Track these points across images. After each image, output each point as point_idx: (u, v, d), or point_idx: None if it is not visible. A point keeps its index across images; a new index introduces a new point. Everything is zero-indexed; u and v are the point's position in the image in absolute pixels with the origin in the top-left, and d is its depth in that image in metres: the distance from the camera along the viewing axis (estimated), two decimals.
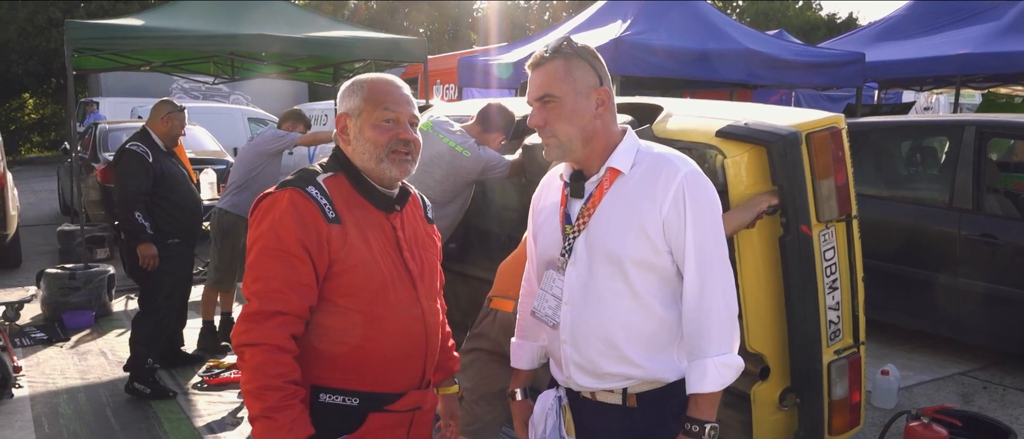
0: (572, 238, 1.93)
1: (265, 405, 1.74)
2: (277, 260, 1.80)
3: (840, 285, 3.00)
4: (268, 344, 1.76)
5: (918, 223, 5.54)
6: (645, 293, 1.87)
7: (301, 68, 9.73)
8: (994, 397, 4.86)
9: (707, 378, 1.83)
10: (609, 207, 1.89)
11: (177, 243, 4.87)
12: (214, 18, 7.75)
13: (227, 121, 13.44)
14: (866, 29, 11.85)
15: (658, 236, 1.85)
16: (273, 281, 1.79)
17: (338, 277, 1.86)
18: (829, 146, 2.95)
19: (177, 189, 4.88)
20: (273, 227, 1.82)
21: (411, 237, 2.04)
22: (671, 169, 1.86)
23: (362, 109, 1.93)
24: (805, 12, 38.10)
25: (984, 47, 8.93)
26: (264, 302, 1.78)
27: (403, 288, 1.95)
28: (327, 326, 1.87)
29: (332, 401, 1.89)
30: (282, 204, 1.83)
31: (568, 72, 1.87)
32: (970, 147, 5.32)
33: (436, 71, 12.34)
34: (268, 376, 1.75)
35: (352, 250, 1.86)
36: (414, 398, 2.01)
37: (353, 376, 1.90)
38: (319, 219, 1.83)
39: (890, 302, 5.55)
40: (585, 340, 1.92)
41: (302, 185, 1.86)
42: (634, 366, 1.90)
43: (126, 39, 7.34)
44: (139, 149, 4.76)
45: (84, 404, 4.67)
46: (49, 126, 29.34)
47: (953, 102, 10.68)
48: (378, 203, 1.96)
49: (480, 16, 36.48)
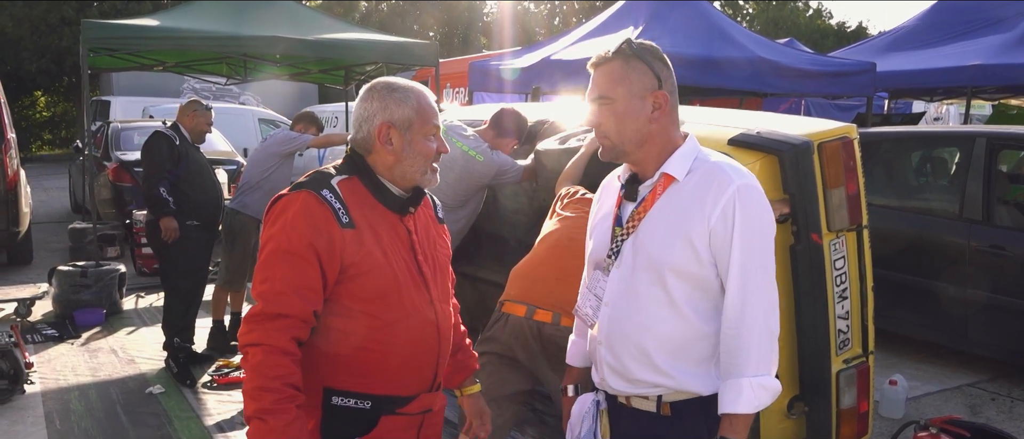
0: (620, 241, 1.93)
1: (259, 406, 1.74)
2: (285, 263, 1.80)
3: (850, 294, 3.01)
4: (268, 345, 1.76)
5: (928, 233, 5.54)
6: (684, 303, 1.85)
7: (312, 70, 9.78)
8: (1002, 409, 4.85)
9: (742, 398, 1.79)
10: (659, 213, 1.88)
11: (196, 226, 5.15)
12: (227, 19, 7.81)
13: (238, 122, 13.49)
14: (877, 38, 11.84)
15: (703, 247, 1.82)
16: (279, 283, 1.79)
17: (352, 281, 1.86)
18: (841, 156, 2.96)
19: (201, 175, 5.26)
20: (285, 229, 1.82)
21: (424, 239, 2.04)
22: (724, 179, 1.82)
23: (413, 122, 1.93)
24: (815, 21, 38.05)
25: (995, 59, 8.90)
26: (268, 304, 1.79)
27: (417, 291, 1.96)
28: (341, 329, 1.88)
29: (344, 404, 1.90)
30: (296, 206, 1.83)
31: (624, 74, 1.86)
32: (980, 158, 5.31)
33: (447, 75, 12.37)
34: (265, 377, 1.75)
35: (367, 254, 1.86)
36: (425, 401, 2.02)
37: (366, 379, 1.90)
38: (332, 223, 1.83)
39: (899, 312, 5.54)
40: (619, 344, 1.92)
41: (317, 188, 1.86)
42: (664, 375, 1.88)
43: (141, 39, 7.41)
44: (167, 132, 5.15)
45: (95, 401, 4.71)
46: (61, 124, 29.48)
47: (964, 113, 10.65)
48: (392, 206, 1.96)
49: (491, 20, 36.54)
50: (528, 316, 2.96)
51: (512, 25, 33.35)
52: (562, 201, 3.29)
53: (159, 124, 5.60)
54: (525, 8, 37.35)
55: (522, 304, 2.99)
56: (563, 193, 3.34)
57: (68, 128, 28.62)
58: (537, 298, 2.98)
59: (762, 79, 8.49)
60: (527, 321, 2.96)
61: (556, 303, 2.95)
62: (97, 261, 7.02)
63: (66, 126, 29.07)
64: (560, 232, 3.11)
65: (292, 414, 1.75)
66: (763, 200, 1.85)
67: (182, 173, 5.10)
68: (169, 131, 5.16)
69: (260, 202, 5.64)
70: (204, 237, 5.26)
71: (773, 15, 36.47)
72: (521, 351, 3.00)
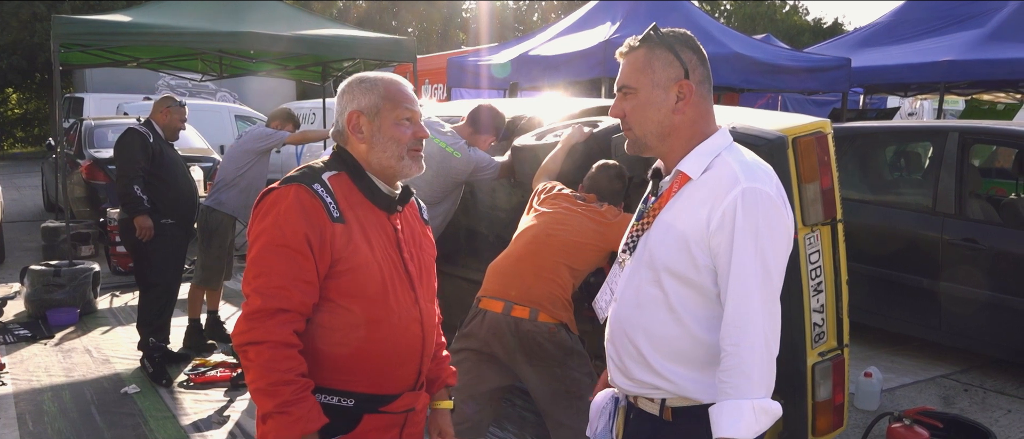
0: (636, 236, 1.88)
1: (279, 400, 1.73)
2: (281, 256, 1.78)
3: (825, 288, 3.04)
4: (273, 341, 1.75)
5: (902, 227, 5.60)
6: (681, 309, 1.77)
7: (289, 66, 9.71)
8: (975, 400, 4.92)
9: (743, 422, 1.65)
10: (669, 211, 1.81)
11: (171, 224, 5.10)
12: (202, 15, 7.73)
13: (214, 118, 13.36)
14: (852, 34, 11.95)
15: (701, 253, 1.72)
16: (276, 277, 1.77)
17: (340, 277, 1.84)
18: (815, 151, 2.99)
19: (175, 172, 5.19)
20: (277, 222, 1.80)
21: (410, 238, 2.03)
22: (730, 181, 1.71)
23: (380, 107, 1.93)
24: (792, 17, 38.35)
25: (968, 54, 9.03)
26: (267, 299, 1.77)
27: (403, 290, 1.94)
28: (327, 326, 1.86)
29: (328, 401, 1.88)
30: (288, 199, 1.81)
31: (648, 63, 1.80)
32: (953, 153, 5.38)
33: (425, 71, 12.33)
34: (279, 372, 1.74)
35: (355, 250, 1.85)
36: (408, 400, 2.00)
37: (350, 377, 1.89)
38: (324, 217, 1.81)
39: (873, 305, 5.60)
40: (620, 341, 1.90)
41: (308, 181, 1.85)
42: (662, 379, 1.81)
43: (114, 35, 7.30)
44: (140, 129, 5.08)
45: (69, 402, 4.65)
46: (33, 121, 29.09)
47: (937, 108, 10.79)
48: (380, 203, 1.96)
49: (469, 16, 36.48)
50: (505, 312, 2.96)
51: (490, 21, 33.30)
52: (539, 196, 3.29)
53: (133, 121, 5.53)
54: (503, 4, 37.32)
55: (499, 300, 2.99)
56: (540, 189, 3.34)
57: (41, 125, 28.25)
58: (514, 294, 2.98)
59: (739, 75, 8.54)
60: (504, 317, 2.96)
61: (533, 299, 2.95)
62: (71, 260, 6.93)
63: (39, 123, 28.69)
64: (537, 228, 3.11)
65: (311, 401, 1.77)
66: (772, 207, 1.71)
67: (156, 171, 5.03)
68: (142, 128, 5.08)
69: (236, 199, 5.60)
70: (179, 235, 5.19)
71: (750, 11, 36.73)
72: (499, 347, 3.00)
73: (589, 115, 3.92)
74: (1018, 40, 9.01)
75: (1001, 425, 4.50)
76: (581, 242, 3.03)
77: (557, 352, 2.94)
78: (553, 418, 3.03)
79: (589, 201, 3.18)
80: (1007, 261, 5.05)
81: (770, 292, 1.71)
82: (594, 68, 7.87)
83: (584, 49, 8.07)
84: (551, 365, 2.95)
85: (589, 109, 4.05)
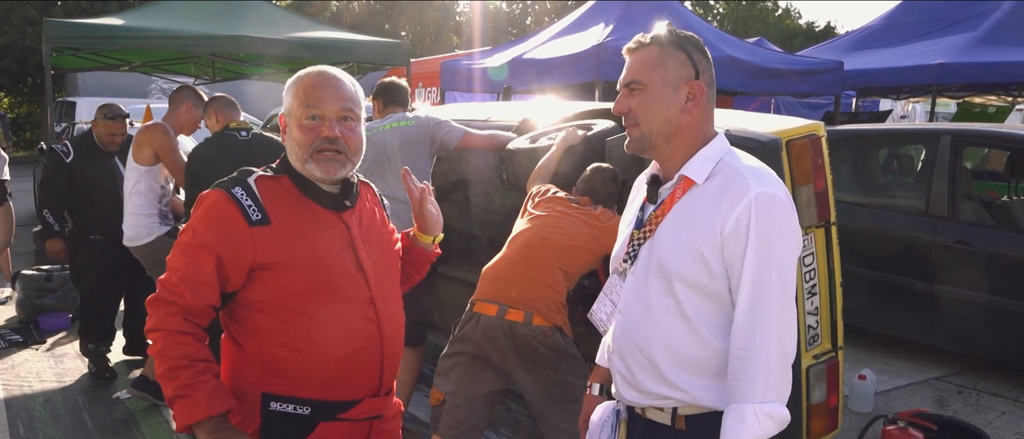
0: (637, 245, 1.83)
1: (177, 384, 1.76)
2: (184, 256, 1.83)
3: (819, 290, 3.04)
4: (166, 329, 1.79)
5: (895, 230, 5.61)
6: (696, 317, 1.74)
7: (282, 70, 9.69)
8: (968, 402, 4.93)
9: (745, 427, 1.65)
10: (675, 218, 1.77)
11: (99, 240, 5.08)
12: (195, 19, 7.71)
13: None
14: (845, 38, 12.00)
15: (715, 259, 1.70)
16: (174, 274, 1.83)
17: (273, 278, 1.83)
18: (809, 153, 2.99)
19: (99, 189, 5.09)
20: (192, 224, 1.85)
21: (367, 235, 1.98)
22: (742, 186, 1.69)
23: (292, 108, 1.90)
24: (784, 20, 38.48)
25: (960, 58, 9.07)
26: (162, 291, 1.82)
27: (355, 289, 1.90)
28: (271, 330, 1.85)
29: (283, 409, 1.86)
30: (205, 203, 1.85)
31: (660, 60, 1.77)
32: (946, 155, 5.40)
33: (418, 74, 12.33)
34: (172, 358, 1.77)
35: (285, 251, 1.83)
36: (371, 405, 1.94)
37: (303, 383, 1.86)
38: (240, 221, 1.82)
39: (867, 308, 5.61)
40: (630, 353, 1.85)
41: (229, 186, 1.86)
42: (676, 389, 1.78)
43: (106, 39, 7.29)
44: (60, 149, 5.11)
45: (61, 407, 4.62)
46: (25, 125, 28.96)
47: (929, 111, 10.83)
48: (325, 203, 1.92)
49: (463, 20, 36.49)
50: (500, 316, 2.95)
51: (484, 25, 33.32)
52: (533, 199, 3.29)
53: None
54: (497, 8, 37.35)
55: (494, 304, 2.98)
56: (534, 191, 3.34)
57: (33, 129, 28.11)
58: (509, 298, 2.97)
59: (732, 78, 8.56)
60: (499, 321, 2.95)
61: (528, 303, 2.94)
62: (62, 265, 6.88)
63: (30, 127, 28.56)
64: (531, 231, 3.11)
65: (213, 383, 1.78)
66: (785, 211, 1.72)
67: (77, 189, 5.04)
68: (62, 147, 5.09)
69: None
70: (111, 248, 4.99)
71: (743, 15, 36.83)
72: (493, 351, 2.99)
73: (583, 118, 3.91)
74: (1010, 43, 9.06)
75: (995, 427, 4.50)
76: (575, 245, 3.02)
77: (552, 355, 2.93)
78: (548, 421, 3.03)
79: (583, 204, 3.17)
80: (999, 263, 5.06)
81: (786, 296, 1.71)
82: (588, 71, 7.87)
83: (578, 52, 8.08)
84: (546, 369, 2.94)
85: (583, 112, 4.04)
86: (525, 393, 3.06)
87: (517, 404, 4.38)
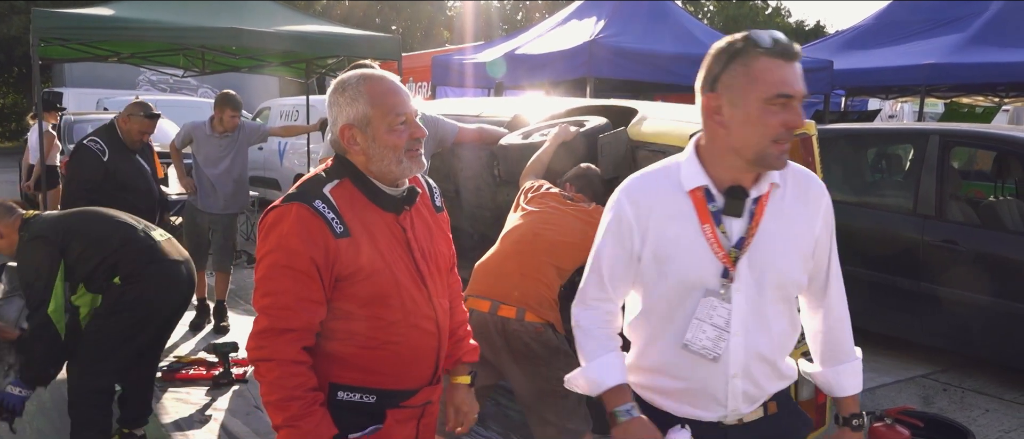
0: (735, 260, 1.75)
1: (288, 414, 1.82)
2: (286, 277, 1.82)
3: None
4: (280, 359, 1.83)
5: (883, 228, 5.65)
6: (795, 311, 1.90)
7: (273, 63, 9.64)
8: (954, 399, 4.98)
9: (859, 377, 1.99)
10: (770, 226, 1.77)
11: None
12: (185, 10, 7.64)
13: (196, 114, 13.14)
14: (834, 37, 12.05)
15: (811, 255, 1.86)
16: (283, 297, 1.83)
17: (353, 287, 1.87)
18: (800, 152, 3.01)
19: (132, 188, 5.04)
20: (281, 243, 1.83)
21: (421, 235, 2.03)
22: (818, 186, 1.87)
23: (371, 117, 1.89)
24: (774, 19, 38.61)
25: (949, 58, 9.13)
26: (274, 319, 1.83)
27: (416, 290, 1.96)
28: (345, 330, 1.91)
29: (350, 398, 1.94)
30: (289, 219, 1.83)
31: None
32: (934, 155, 5.44)
33: (409, 69, 12.30)
34: (287, 388, 1.82)
35: (365, 261, 1.87)
36: (426, 394, 2.06)
37: (371, 376, 1.95)
38: (327, 235, 1.83)
39: (855, 305, 5.63)
40: (757, 368, 1.82)
41: (309, 199, 1.85)
42: (786, 378, 1.93)
43: (95, 29, 7.21)
44: (94, 147, 4.95)
45: (47, 400, 4.59)
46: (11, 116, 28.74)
47: (917, 110, 10.90)
48: (386, 206, 1.95)
49: (454, 15, 36.41)
50: (492, 312, 2.96)
51: (475, 20, 33.27)
52: (526, 195, 3.29)
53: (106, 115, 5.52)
54: (488, 4, 37.29)
55: (486, 300, 2.99)
56: (527, 187, 3.34)
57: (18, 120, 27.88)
58: (501, 294, 2.98)
59: None
60: (491, 317, 2.95)
61: (520, 298, 2.95)
62: None
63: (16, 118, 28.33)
64: (524, 227, 3.11)
65: (320, 414, 1.85)
66: None
67: (109, 189, 4.88)
68: (97, 144, 4.96)
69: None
70: None
71: (733, 13, 36.93)
72: (485, 346, 2.99)
73: (576, 114, 3.92)
74: (997, 44, 9.12)
75: (979, 424, 4.55)
76: (568, 241, 3.03)
77: (543, 352, 2.94)
78: (538, 416, 3.03)
79: (577, 200, 3.18)
80: (986, 263, 5.11)
81: None
82: (579, 67, 7.88)
83: (569, 48, 8.09)
84: (537, 365, 2.95)
85: (576, 108, 4.05)
86: (515, 388, 3.07)
87: (507, 399, 4.38)
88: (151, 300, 3.60)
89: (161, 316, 3.74)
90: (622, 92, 9.62)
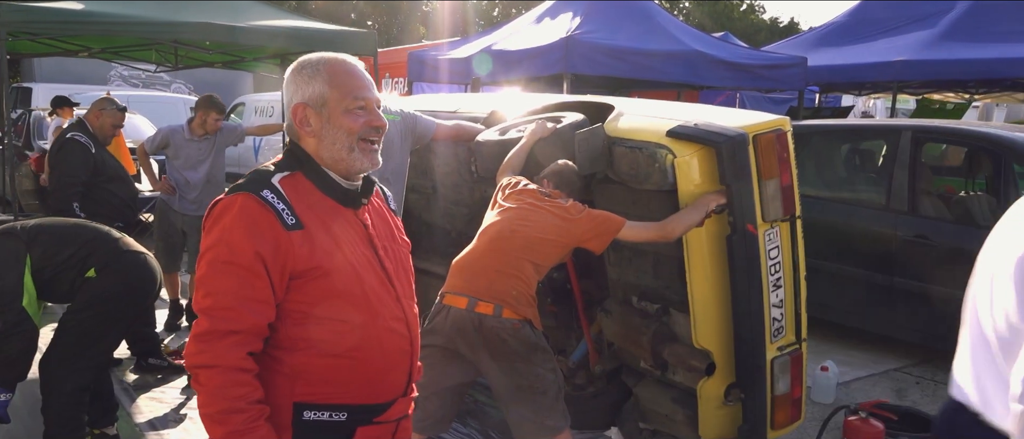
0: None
1: (229, 429, 1.63)
2: (229, 275, 1.65)
3: (784, 283, 3.08)
4: (223, 366, 1.63)
5: (857, 224, 5.71)
6: None
7: (246, 58, 9.55)
8: (926, 392, 5.04)
9: None
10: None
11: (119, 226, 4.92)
12: (158, 4, 7.55)
13: (169, 110, 13.06)
14: (808, 34, 12.16)
15: None
16: (225, 297, 1.64)
17: (309, 285, 1.71)
18: (775, 148, 3.03)
19: (116, 178, 5.10)
20: (223, 237, 1.66)
21: (382, 233, 1.90)
22: None
23: (327, 97, 1.77)
24: (748, 15, 38.90)
25: (920, 54, 9.25)
26: (216, 321, 1.64)
27: (382, 289, 1.81)
28: (307, 339, 1.73)
29: (317, 418, 1.75)
30: (233, 211, 1.67)
31: None
32: (906, 151, 5.50)
33: (385, 65, 12.22)
34: (229, 399, 1.63)
35: (321, 255, 1.71)
36: (400, 407, 1.89)
37: (339, 389, 1.76)
38: (276, 227, 1.67)
39: (829, 300, 5.70)
40: None
41: (256, 189, 1.69)
42: None
43: (65, 24, 7.09)
44: (82, 139, 4.91)
45: (17, 401, 4.50)
46: None
47: (890, 107, 11.03)
48: (343, 199, 1.81)
49: (430, 10, 36.27)
50: (469, 308, 2.95)
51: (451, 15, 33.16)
52: (504, 192, 3.28)
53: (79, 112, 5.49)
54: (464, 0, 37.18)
55: (463, 296, 2.98)
56: (504, 183, 3.33)
57: None
58: (478, 290, 2.97)
59: (698, 72, 8.64)
60: (468, 313, 2.95)
61: (497, 295, 2.94)
62: None
63: None
64: (502, 224, 3.10)
65: (264, 430, 1.66)
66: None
67: (99, 181, 4.95)
68: (83, 137, 4.96)
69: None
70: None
71: (709, 9, 37.14)
72: (463, 343, 2.99)
73: (552, 110, 3.92)
74: (966, 41, 9.25)
75: None
76: (545, 238, 3.02)
77: (521, 348, 2.94)
78: (515, 412, 3.03)
79: (554, 196, 3.17)
80: (957, 257, 5.17)
81: None
82: (555, 63, 7.89)
83: (546, 44, 8.08)
84: (515, 361, 2.95)
85: (552, 105, 4.04)
86: (492, 385, 3.06)
87: (484, 396, 4.38)
88: (132, 286, 3.61)
89: (141, 305, 3.75)
90: (599, 88, 9.64)
